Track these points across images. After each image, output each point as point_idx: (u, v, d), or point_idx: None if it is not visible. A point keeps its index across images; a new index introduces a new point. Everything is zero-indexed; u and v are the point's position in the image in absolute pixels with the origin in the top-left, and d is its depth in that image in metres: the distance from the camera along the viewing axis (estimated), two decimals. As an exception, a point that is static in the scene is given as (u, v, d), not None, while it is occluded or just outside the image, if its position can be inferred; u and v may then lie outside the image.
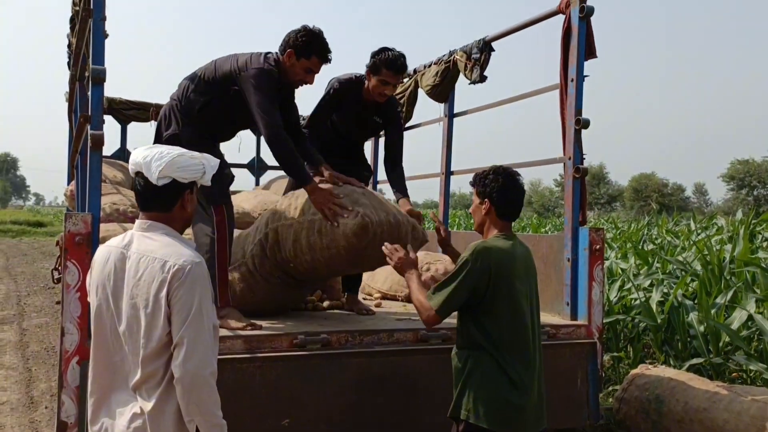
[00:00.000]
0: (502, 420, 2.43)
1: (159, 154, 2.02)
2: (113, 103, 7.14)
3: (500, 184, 2.63)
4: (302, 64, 3.34)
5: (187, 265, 1.90)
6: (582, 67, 3.76)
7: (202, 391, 1.89)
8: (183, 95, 3.42)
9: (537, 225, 19.78)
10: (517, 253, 2.59)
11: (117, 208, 5.07)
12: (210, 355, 1.92)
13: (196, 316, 1.88)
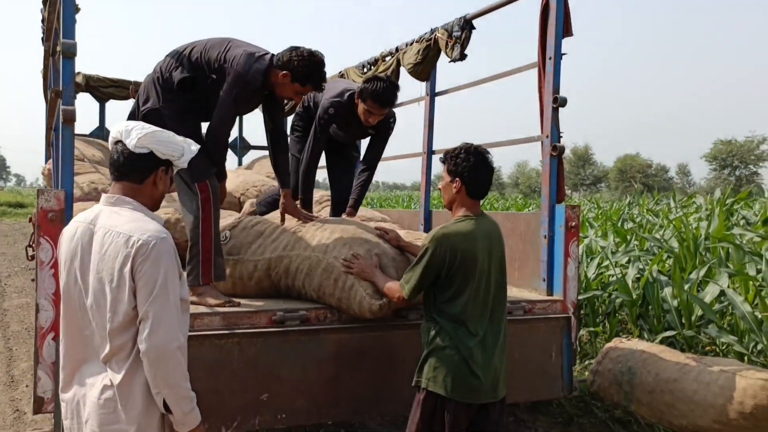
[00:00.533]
0: (459, 389, 2.58)
1: (141, 126, 2.06)
2: (91, 80, 7.05)
3: (471, 163, 2.68)
4: (295, 87, 3.31)
5: (151, 240, 1.90)
6: (560, 45, 3.77)
7: (168, 364, 1.90)
8: (167, 68, 3.31)
9: (521, 206, 19.92)
10: (479, 233, 2.67)
11: (95, 186, 5.04)
12: (176, 328, 1.93)
13: (161, 291, 1.89)
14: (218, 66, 3.23)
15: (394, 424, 4.57)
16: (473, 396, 2.60)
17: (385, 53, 5.82)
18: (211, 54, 3.26)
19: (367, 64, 6.13)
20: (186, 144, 2.13)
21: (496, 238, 2.76)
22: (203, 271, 3.23)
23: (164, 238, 1.93)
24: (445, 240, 2.61)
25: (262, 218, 3.88)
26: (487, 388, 2.62)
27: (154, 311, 1.88)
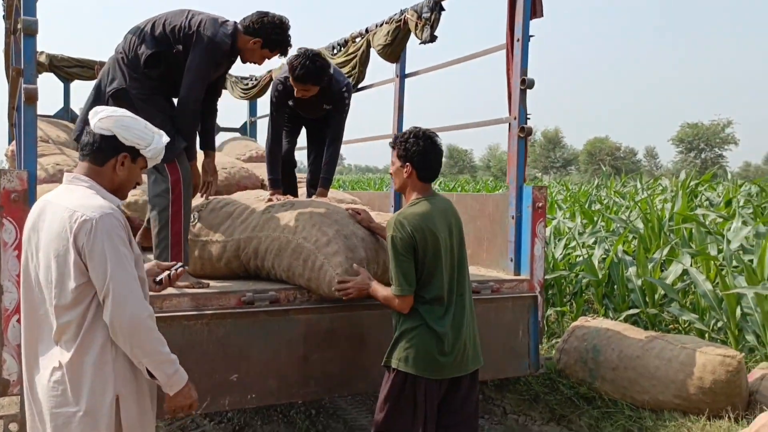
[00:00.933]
0: (430, 367, 2.64)
1: (113, 110, 2.05)
2: (54, 60, 6.89)
3: (421, 147, 2.72)
4: (264, 53, 3.37)
5: (95, 216, 1.89)
6: (527, 27, 3.80)
7: (141, 334, 1.93)
8: (130, 48, 3.26)
9: (492, 188, 20.10)
10: (436, 212, 2.72)
11: (61, 168, 4.95)
12: (140, 299, 1.95)
13: (116, 266, 1.89)
14: (183, 34, 3.20)
15: (364, 404, 4.63)
16: (445, 372, 2.66)
17: (355, 34, 5.79)
18: (174, 23, 3.23)
19: (337, 45, 6.09)
20: (158, 135, 2.10)
21: (452, 215, 2.82)
22: (173, 255, 3.21)
23: (109, 213, 1.92)
24: (405, 222, 2.64)
25: (231, 199, 3.87)
26: (458, 362, 2.69)
27: (114, 287, 1.89)
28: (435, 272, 2.68)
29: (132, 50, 3.23)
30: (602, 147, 72.77)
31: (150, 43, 3.22)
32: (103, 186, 2.04)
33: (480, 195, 4.49)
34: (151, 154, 2.07)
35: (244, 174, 5.65)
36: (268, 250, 3.36)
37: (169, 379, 2.03)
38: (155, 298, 2.90)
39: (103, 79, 3.33)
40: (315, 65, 3.66)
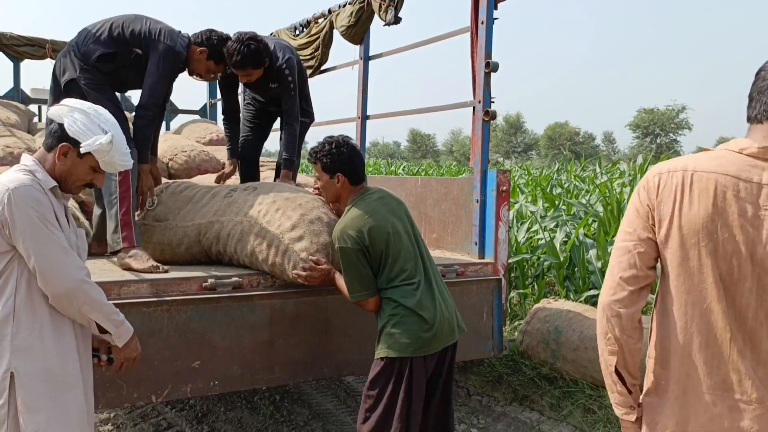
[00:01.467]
0: (413, 346, 2.65)
1: (75, 101, 2.11)
2: (4, 38, 6.63)
3: (346, 155, 2.82)
4: (209, 65, 3.61)
5: (11, 186, 1.93)
6: (492, 9, 3.79)
7: (80, 296, 2.01)
8: (83, 43, 3.39)
9: (455, 173, 20.21)
10: (375, 206, 2.79)
11: (11, 151, 4.75)
12: (68, 266, 1.99)
13: (33, 238, 1.93)
14: (144, 38, 3.40)
15: (329, 388, 4.62)
16: (432, 346, 2.69)
17: (317, 15, 5.71)
18: (134, 28, 3.41)
19: (299, 26, 6.00)
20: (100, 136, 2.05)
21: (391, 200, 2.89)
22: (124, 235, 3.25)
23: (29, 186, 1.95)
24: (349, 231, 2.69)
25: (191, 183, 3.79)
26: (442, 333, 2.72)
27: (38, 259, 1.93)
28: (396, 258, 2.72)
29: (84, 45, 3.38)
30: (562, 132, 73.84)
31: (107, 42, 3.38)
32: (47, 170, 2.06)
33: (445, 179, 4.49)
34: (87, 149, 2.03)
35: (204, 157, 5.54)
36: (230, 235, 3.29)
37: (118, 329, 2.14)
38: (113, 284, 2.83)
39: (57, 72, 3.48)
40: (250, 49, 3.60)
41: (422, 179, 4.71)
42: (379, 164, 24.07)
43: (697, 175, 1.45)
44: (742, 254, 1.39)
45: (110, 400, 2.78)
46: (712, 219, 1.41)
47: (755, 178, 1.39)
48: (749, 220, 1.38)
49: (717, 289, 1.43)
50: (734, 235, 1.39)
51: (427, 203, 4.52)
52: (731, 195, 1.40)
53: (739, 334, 1.42)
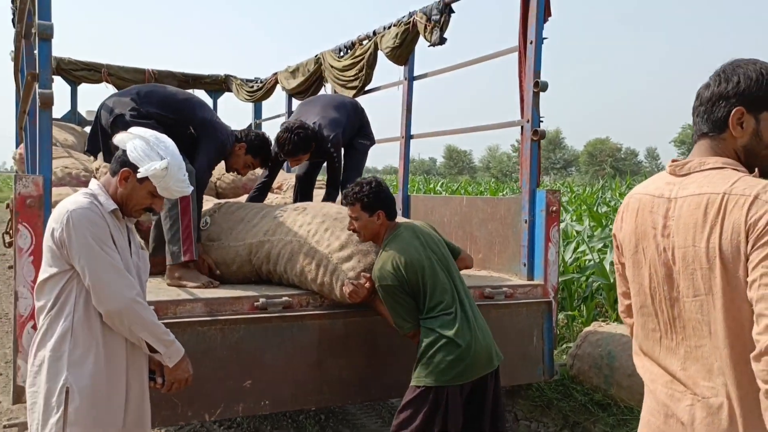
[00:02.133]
0: (450, 374, 2.70)
1: (144, 130, 2.20)
2: (62, 63, 6.88)
3: (384, 193, 2.97)
4: (246, 159, 3.85)
5: (71, 209, 2.02)
6: (541, 28, 3.77)
7: (131, 315, 2.06)
8: (148, 94, 3.58)
9: (495, 190, 20.06)
10: (409, 239, 2.89)
11: (69, 171, 4.92)
12: (119, 286, 2.04)
13: (88, 258, 2.01)
14: (202, 125, 3.66)
15: (373, 409, 4.60)
16: (467, 374, 2.72)
17: (362, 37, 5.77)
18: (198, 113, 3.68)
19: (344, 48, 6.07)
20: (156, 162, 2.11)
21: (428, 232, 2.99)
22: (185, 249, 3.36)
23: (86, 208, 2.04)
24: (388, 268, 2.79)
25: (243, 203, 3.87)
26: (482, 361, 2.76)
27: (92, 278, 2.01)
28: (434, 290, 2.79)
29: (147, 96, 3.56)
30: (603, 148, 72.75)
31: (171, 106, 3.60)
32: (111, 194, 2.16)
33: (491, 199, 4.46)
34: (144, 174, 2.10)
35: (250, 176, 5.64)
36: (280, 255, 3.33)
37: (168, 350, 2.18)
38: (169, 304, 2.88)
39: (105, 109, 3.56)
40: (300, 137, 3.88)
41: (468, 198, 4.69)
42: (416, 181, 24.05)
43: (632, 198, 1.64)
44: (657, 264, 1.53)
45: (165, 418, 2.83)
46: (635, 234, 1.59)
47: (666, 194, 1.53)
48: (660, 231, 1.53)
49: (647, 296, 1.58)
50: (651, 247, 1.55)
51: (472, 223, 4.49)
52: (647, 211, 1.56)
53: (665, 333, 1.57)
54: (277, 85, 7.39)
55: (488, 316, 3.53)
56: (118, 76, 7.08)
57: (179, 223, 3.39)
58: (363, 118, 4.56)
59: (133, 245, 2.24)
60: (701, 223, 1.41)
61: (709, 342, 1.45)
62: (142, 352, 2.20)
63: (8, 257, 10.23)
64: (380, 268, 2.82)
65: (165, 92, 3.65)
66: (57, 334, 2.01)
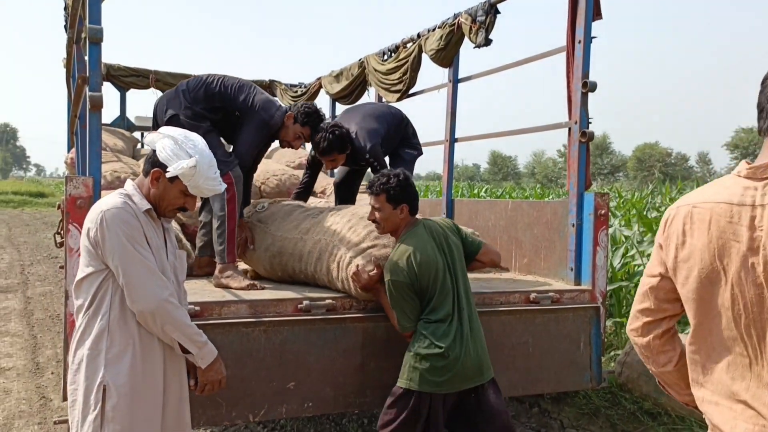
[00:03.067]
0: (433, 382, 2.72)
1: (169, 128, 2.21)
2: (111, 69, 7.06)
3: (411, 187, 2.91)
4: (296, 128, 3.81)
5: (105, 210, 2.04)
6: (590, 28, 3.68)
7: (163, 315, 2.06)
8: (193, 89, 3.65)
9: (540, 195, 19.78)
10: (426, 238, 2.84)
11: (118, 175, 5.04)
12: (151, 286, 2.05)
13: (122, 257, 2.02)
14: (247, 107, 3.68)
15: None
16: (449, 385, 2.72)
17: (406, 39, 5.75)
18: (238, 94, 3.69)
19: (388, 51, 6.06)
20: (185, 160, 2.11)
21: (443, 233, 2.91)
22: (229, 250, 3.47)
23: (120, 208, 2.05)
24: (400, 264, 2.76)
25: (295, 202, 4.02)
26: (469, 373, 2.75)
27: (126, 278, 2.02)
28: (436, 294, 2.77)
29: (194, 90, 3.65)
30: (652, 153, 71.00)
31: (215, 96, 3.67)
32: (143, 194, 2.18)
33: (537, 202, 4.36)
34: (173, 173, 2.10)
35: (294, 181, 5.67)
36: (311, 254, 3.41)
37: (201, 351, 2.17)
38: (214, 305, 2.90)
39: (159, 110, 3.73)
40: (335, 135, 3.88)
41: (513, 202, 4.61)
42: (460, 187, 23.88)
43: (697, 208, 1.43)
44: (745, 283, 1.34)
45: (210, 418, 2.84)
46: (709, 249, 1.39)
47: (748, 201, 1.34)
48: (747, 244, 1.33)
49: (730, 319, 1.38)
50: (734, 263, 1.35)
51: (517, 227, 4.41)
52: (725, 222, 1.37)
53: (755, 361, 1.37)
54: (320, 89, 7.43)
55: (534, 321, 3.47)
56: (165, 82, 7.24)
57: (226, 225, 3.48)
58: (408, 128, 4.52)
59: (170, 245, 2.25)
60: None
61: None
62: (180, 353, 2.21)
63: (60, 259, 10.57)
64: (394, 263, 2.79)
65: (208, 86, 3.69)
66: (94, 332, 2.04)
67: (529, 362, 3.48)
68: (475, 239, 3.12)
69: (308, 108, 3.82)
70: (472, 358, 2.75)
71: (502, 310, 3.41)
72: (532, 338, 3.47)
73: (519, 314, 3.44)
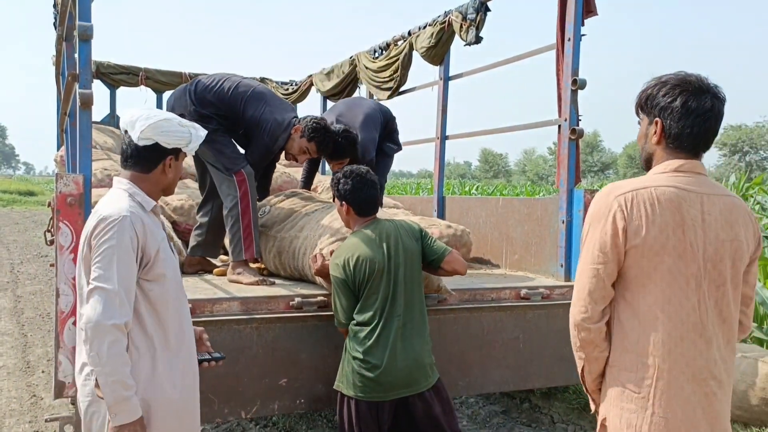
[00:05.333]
0: (360, 388, 2.71)
1: (147, 115, 2.05)
2: (101, 67, 7.02)
3: (350, 187, 2.88)
4: (302, 142, 3.70)
5: (110, 217, 1.90)
6: (579, 25, 3.70)
7: (102, 341, 1.80)
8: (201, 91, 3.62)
9: (531, 192, 19.85)
10: (370, 240, 2.81)
11: (108, 173, 5.02)
12: (115, 306, 1.83)
13: (107, 265, 1.85)
14: (252, 124, 3.62)
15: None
16: (377, 394, 2.69)
17: (397, 37, 5.76)
18: (247, 112, 3.62)
19: (378, 49, 6.06)
20: (194, 129, 2.13)
21: (396, 236, 2.85)
22: (245, 246, 3.51)
23: (125, 216, 1.91)
24: (338, 261, 2.78)
25: (298, 198, 4.01)
26: (396, 383, 2.69)
27: (96, 284, 1.84)
28: (368, 296, 2.75)
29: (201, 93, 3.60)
30: (642, 150, 71.24)
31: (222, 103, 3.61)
32: (147, 191, 2.08)
33: (528, 199, 4.39)
34: (192, 150, 2.12)
35: (285, 179, 5.67)
36: (301, 250, 3.45)
37: (117, 405, 1.83)
38: (206, 302, 2.91)
39: (168, 106, 3.73)
40: (348, 140, 3.86)
41: (504, 199, 4.63)
42: (451, 184, 23.95)
43: (660, 190, 1.67)
44: (698, 255, 1.65)
45: (203, 415, 2.81)
46: (675, 227, 1.65)
47: (695, 189, 1.68)
48: (699, 224, 1.66)
49: (688, 287, 1.66)
50: (692, 239, 1.65)
51: (508, 224, 4.43)
52: (686, 205, 1.66)
53: (708, 325, 1.66)
54: (312, 87, 7.42)
55: (524, 317, 3.49)
56: (155, 80, 7.21)
57: (240, 222, 3.51)
58: (393, 125, 4.56)
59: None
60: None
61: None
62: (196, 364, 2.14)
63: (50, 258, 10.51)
64: (333, 258, 2.85)
65: (218, 91, 3.64)
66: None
67: (519, 358, 3.50)
68: (441, 246, 2.94)
69: (317, 123, 3.72)
70: (404, 367, 2.69)
71: (493, 306, 3.43)
72: (523, 334, 3.49)
73: (510, 310, 3.47)
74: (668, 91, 1.72)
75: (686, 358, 1.65)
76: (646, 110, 1.78)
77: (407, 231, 2.91)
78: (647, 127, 1.78)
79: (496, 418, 4.44)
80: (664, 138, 1.74)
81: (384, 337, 2.71)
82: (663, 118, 1.73)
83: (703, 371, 1.66)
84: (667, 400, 1.65)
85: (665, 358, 1.65)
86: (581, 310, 1.73)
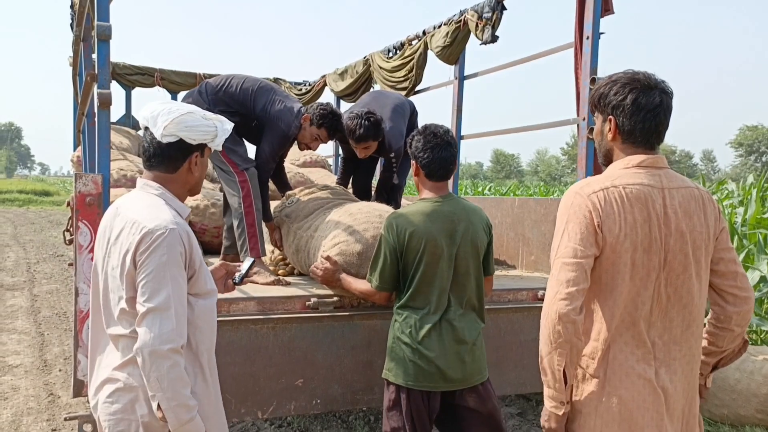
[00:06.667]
0: (412, 376, 2.55)
1: (168, 109, 1.90)
2: (116, 68, 7.08)
3: (421, 144, 2.62)
4: (312, 130, 3.73)
5: (157, 230, 1.78)
6: (598, 23, 3.68)
7: (161, 366, 1.74)
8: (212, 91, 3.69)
9: (544, 193, 19.76)
10: (438, 215, 2.57)
11: (124, 173, 5.05)
12: (172, 328, 1.75)
13: (158, 285, 1.75)
14: (263, 115, 3.69)
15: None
16: (430, 384, 2.55)
17: (411, 37, 5.74)
18: (258, 103, 3.69)
19: (393, 49, 6.05)
20: (219, 123, 1.99)
21: (467, 223, 2.61)
22: (251, 246, 3.53)
23: (173, 229, 1.80)
24: (394, 222, 2.58)
25: (324, 195, 3.97)
26: (450, 375, 2.55)
27: (150, 306, 1.74)
28: (423, 280, 2.55)
29: (214, 92, 3.70)
30: (656, 150, 70.67)
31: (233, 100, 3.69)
32: (178, 192, 1.97)
33: (544, 199, 4.35)
34: (218, 145, 2.00)
35: (299, 179, 5.68)
36: (316, 249, 3.43)
37: (182, 427, 1.79)
38: (223, 302, 2.90)
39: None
40: (371, 122, 3.80)
41: (519, 200, 4.60)
42: (464, 185, 23.90)
43: (628, 188, 1.76)
44: (660, 247, 1.75)
45: (219, 415, 2.84)
46: (642, 223, 1.74)
47: (657, 184, 1.77)
48: (662, 219, 1.75)
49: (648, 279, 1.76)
50: (656, 233, 1.74)
51: (524, 224, 4.40)
52: (651, 201, 1.75)
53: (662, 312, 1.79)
54: (325, 87, 7.43)
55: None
56: (170, 80, 7.26)
57: (244, 222, 3.54)
58: (415, 119, 4.53)
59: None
60: None
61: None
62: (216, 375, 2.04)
63: (66, 257, 10.61)
64: (391, 218, 2.61)
65: (227, 89, 3.71)
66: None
67: (536, 359, 3.46)
68: (492, 261, 2.79)
69: (323, 109, 3.74)
70: (457, 361, 2.55)
71: (510, 308, 3.40)
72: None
73: (527, 311, 3.43)
74: (619, 89, 1.81)
75: (637, 341, 1.78)
76: (599, 109, 1.87)
77: (481, 220, 2.68)
78: (602, 125, 1.87)
79: (512, 420, 4.40)
80: (619, 134, 1.83)
81: (441, 327, 2.56)
82: (616, 116, 1.82)
83: (647, 356, 1.78)
84: (618, 382, 1.78)
85: (620, 344, 1.78)
86: (566, 303, 1.76)
